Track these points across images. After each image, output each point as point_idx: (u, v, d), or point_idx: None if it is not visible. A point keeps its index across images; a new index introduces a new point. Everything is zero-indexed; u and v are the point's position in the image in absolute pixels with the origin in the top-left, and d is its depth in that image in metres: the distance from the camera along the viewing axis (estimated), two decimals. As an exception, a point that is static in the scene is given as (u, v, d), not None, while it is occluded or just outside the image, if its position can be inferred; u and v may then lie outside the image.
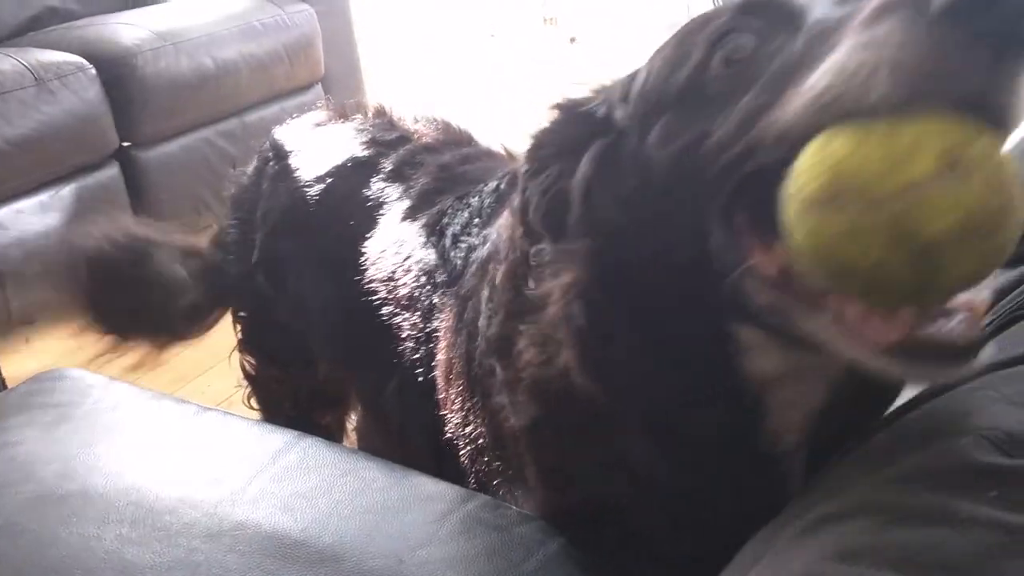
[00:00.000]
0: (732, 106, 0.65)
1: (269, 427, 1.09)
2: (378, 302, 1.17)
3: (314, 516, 0.87)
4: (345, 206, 1.27)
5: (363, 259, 1.20)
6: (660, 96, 0.73)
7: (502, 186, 1.10)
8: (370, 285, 1.18)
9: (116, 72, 2.77)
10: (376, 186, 1.25)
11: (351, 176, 1.29)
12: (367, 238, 1.21)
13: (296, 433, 1.03)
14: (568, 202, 0.79)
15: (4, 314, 2.55)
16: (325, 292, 1.29)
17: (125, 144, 2.85)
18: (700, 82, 0.70)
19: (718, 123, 0.66)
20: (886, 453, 0.58)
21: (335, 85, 3.66)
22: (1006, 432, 0.53)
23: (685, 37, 0.74)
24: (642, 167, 0.73)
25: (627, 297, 0.76)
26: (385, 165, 1.27)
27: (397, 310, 1.14)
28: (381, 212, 1.22)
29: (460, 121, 1.41)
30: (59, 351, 2.53)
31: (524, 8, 5.07)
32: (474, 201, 1.13)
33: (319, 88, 3.60)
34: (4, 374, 1.86)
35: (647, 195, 0.73)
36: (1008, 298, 0.86)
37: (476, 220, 1.09)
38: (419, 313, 1.10)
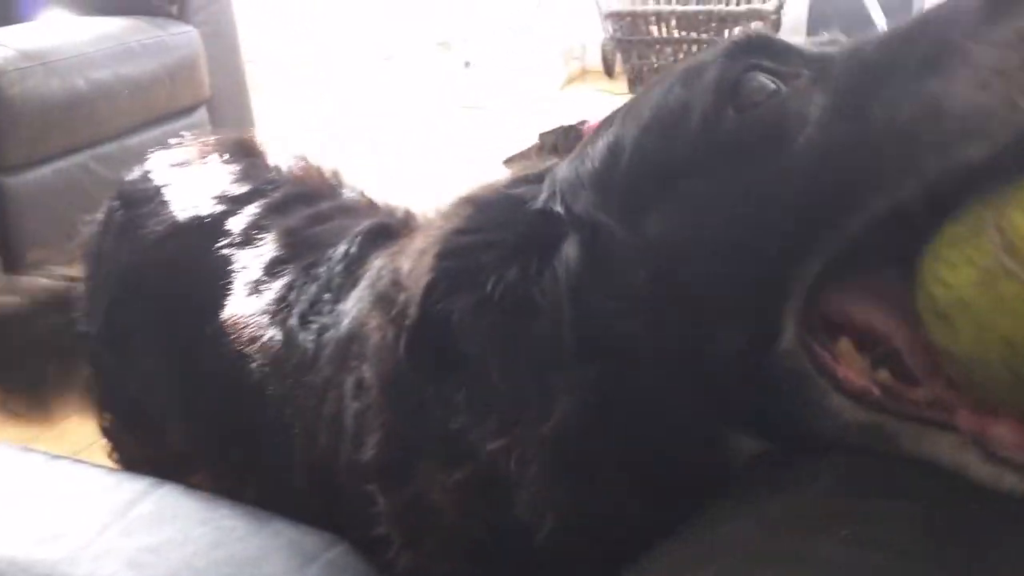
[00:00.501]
0: (781, 154, 0.53)
1: (124, 475, 1.02)
2: (227, 395, 1.07)
3: (164, 572, 0.81)
4: (188, 276, 1.17)
5: (208, 341, 1.09)
6: (655, 169, 0.61)
7: (352, 250, 1.02)
8: (217, 373, 1.08)
9: (-22, 93, 2.61)
10: (221, 253, 1.15)
11: (195, 239, 1.19)
12: (212, 315, 1.11)
13: (153, 481, 0.97)
14: (530, 317, 0.62)
15: None
16: (171, 378, 1.19)
17: (-11, 170, 2.69)
18: (716, 136, 0.58)
19: (770, 177, 0.53)
20: (754, 494, 0.58)
21: (222, 107, 3.56)
22: (862, 471, 0.54)
23: (669, 94, 0.62)
24: (653, 260, 0.59)
25: (628, 432, 0.60)
26: (232, 227, 1.17)
27: (248, 404, 1.04)
28: (225, 284, 1.12)
29: (330, 161, 1.34)
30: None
31: (419, 32, 5.07)
32: (321, 272, 1.03)
33: (204, 111, 3.49)
34: None
35: (670, 295, 0.58)
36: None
37: (326, 295, 1.00)
38: (273, 409, 1.00)
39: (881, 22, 3.46)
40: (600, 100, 4.49)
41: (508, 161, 3.36)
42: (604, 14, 4.63)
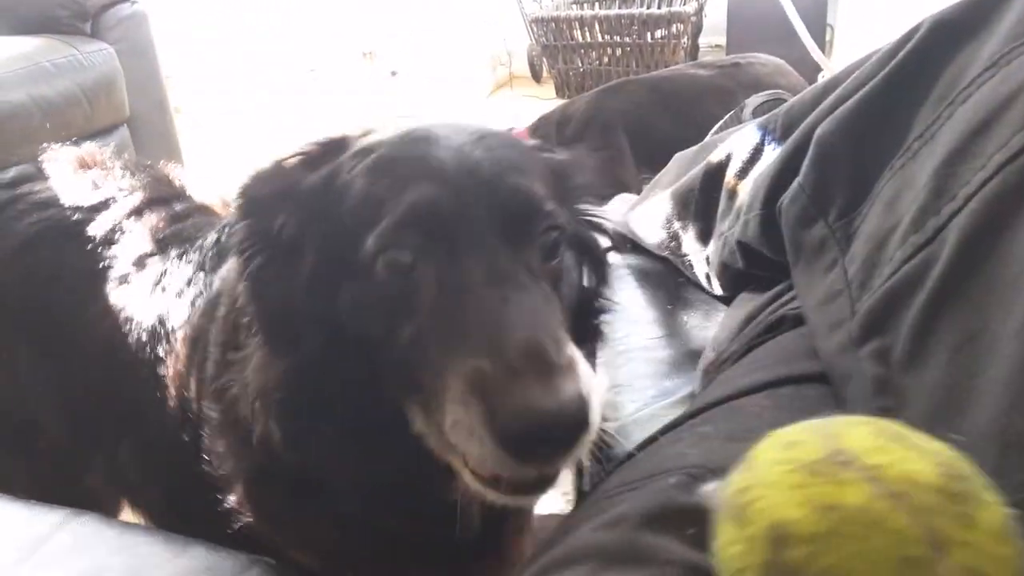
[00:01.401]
0: (398, 324, 0.72)
1: (40, 507, 1.01)
2: (105, 370, 1.13)
3: (80, 604, 0.82)
4: (51, 284, 1.22)
5: (80, 336, 1.16)
6: (340, 259, 0.76)
7: (222, 238, 1.09)
8: (93, 356, 1.14)
9: None
10: (85, 256, 1.20)
11: (54, 248, 1.23)
12: (83, 312, 1.16)
13: (69, 511, 0.96)
14: (269, 299, 0.81)
15: None
16: (45, 381, 1.22)
17: None
18: (368, 280, 0.74)
19: (389, 337, 0.72)
20: (608, 496, 0.61)
21: (142, 126, 3.49)
22: (711, 469, 0.57)
23: (362, 203, 0.76)
24: (334, 320, 0.77)
25: (330, 394, 0.80)
26: (92, 232, 1.22)
27: (126, 373, 1.11)
28: (94, 283, 1.17)
29: (174, 172, 1.39)
30: None
31: (343, 43, 5.04)
32: (195, 256, 1.11)
33: (124, 129, 3.43)
34: None
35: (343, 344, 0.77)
36: (752, 324, 0.93)
37: (200, 273, 1.08)
38: (147, 368, 1.08)
39: (799, 25, 3.54)
40: (528, 106, 4.52)
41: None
42: (529, 20, 4.68)
